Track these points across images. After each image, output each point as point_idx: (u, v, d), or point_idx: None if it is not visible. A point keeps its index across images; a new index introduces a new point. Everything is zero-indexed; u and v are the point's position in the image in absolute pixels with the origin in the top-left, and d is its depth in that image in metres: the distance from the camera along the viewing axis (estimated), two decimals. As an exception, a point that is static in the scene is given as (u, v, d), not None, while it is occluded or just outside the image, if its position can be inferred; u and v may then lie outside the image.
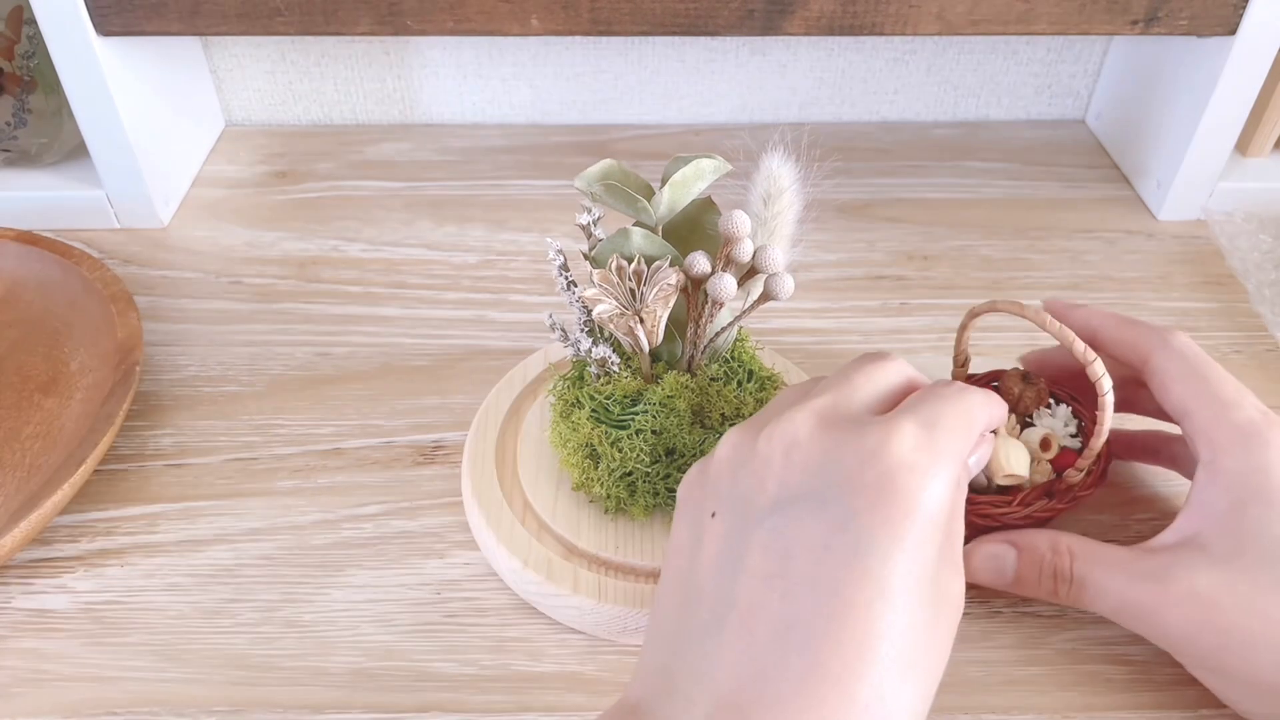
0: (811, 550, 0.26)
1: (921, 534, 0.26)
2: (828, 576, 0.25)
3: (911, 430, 0.27)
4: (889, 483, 0.26)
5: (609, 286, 0.33)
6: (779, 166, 0.34)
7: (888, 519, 0.26)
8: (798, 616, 0.25)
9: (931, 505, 0.26)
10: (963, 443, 0.28)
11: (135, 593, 0.39)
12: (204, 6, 0.51)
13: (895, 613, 0.25)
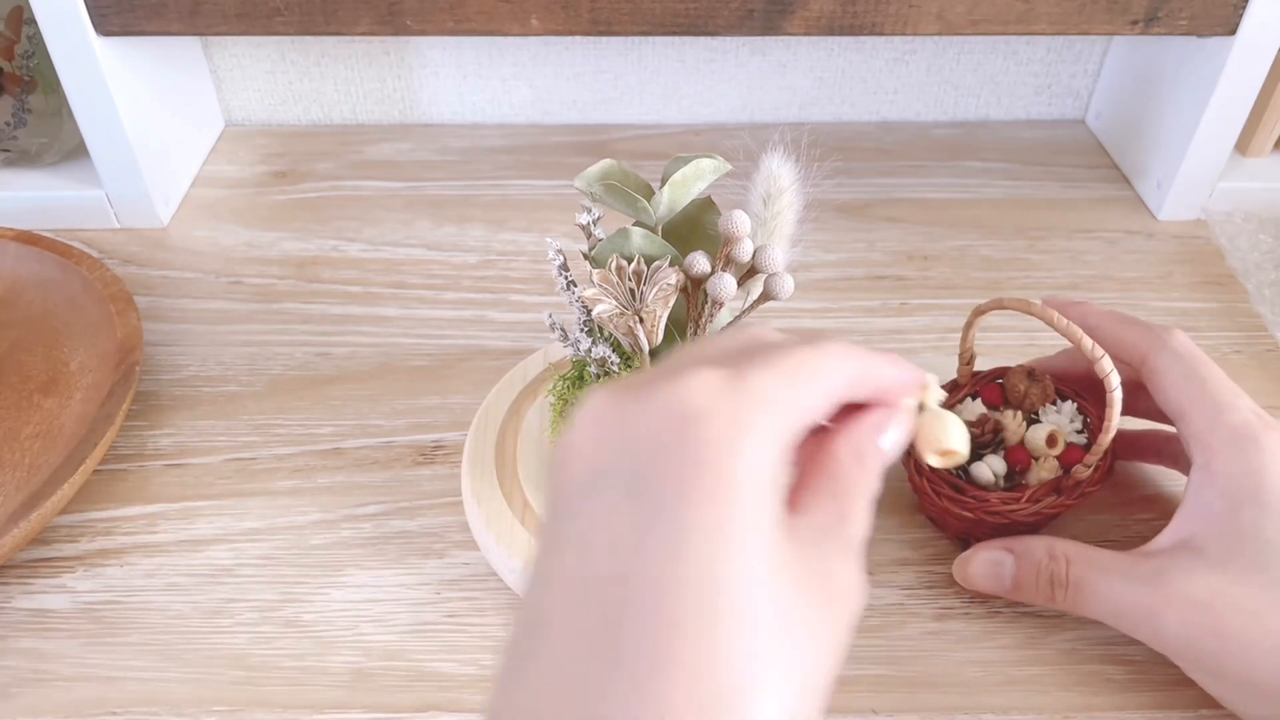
0: (620, 548, 0.20)
1: (751, 505, 0.21)
2: (642, 581, 0.20)
3: (711, 375, 0.22)
4: (689, 443, 0.21)
5: (609, 286, 0.33)
6: (779, 166, 0.34)
7: (701, 496, 0.20)
8: (614, 634, 0.20)
9: (753, 467, 0.21)
10: (790, 390, 0.22)
11: (135, 593, 0.39)
12: (204, 6, 0.51)
13: (736, 617, 0.20)
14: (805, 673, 0.21)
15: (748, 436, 0.21)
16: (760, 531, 0.21)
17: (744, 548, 0.20)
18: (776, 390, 0.22)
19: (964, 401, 0.41)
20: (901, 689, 0.36)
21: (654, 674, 0.19)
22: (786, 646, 0.20)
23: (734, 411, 0.21)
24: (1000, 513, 0.37)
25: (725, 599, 0.20)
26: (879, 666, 0.37)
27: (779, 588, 0.21)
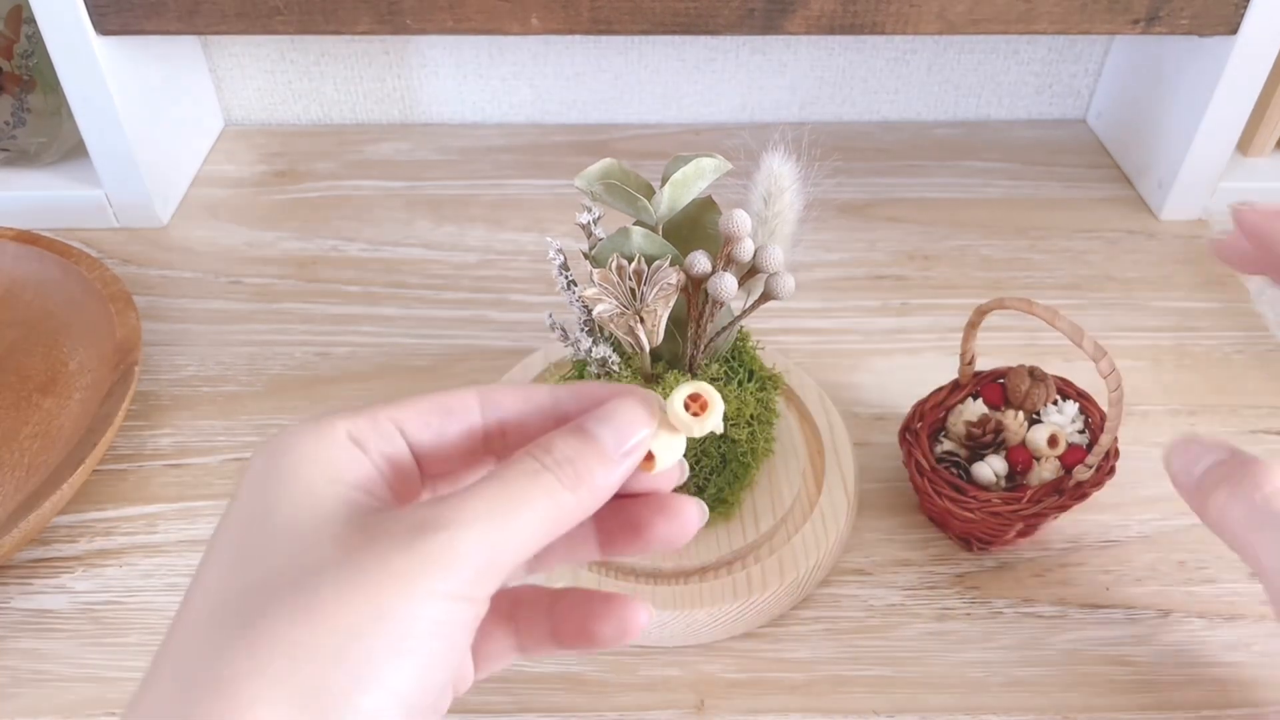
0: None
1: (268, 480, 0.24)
2: None
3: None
4: (250, 460, 0.25)
5: (609, 286, 0.33)
6: (780, 166, 0.34)
7: (239, 490, 0.24)
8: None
9: (283, 457, 0.24)
10: (363, 409, 0.25)
11: (134, 593, 0.39)
12: (203, 6, 0.51)
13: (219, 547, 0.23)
14: (322, 591, 0.21)
15: (288, 441, 0.24)
16: (280, 493, 0.23)
17: (259, 507, 0.23)
18: (334, 414, 0.24)
19: (965, 401, 0.41)
20: (902, 689, 0.36)
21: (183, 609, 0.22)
22: (290, 572, 0.21)
23: (288, 432, 0.24)
24: (1001, 513, 0.37)
25: (230, 544, 0.22)
26: (879, 666, 0.37)
27: (288, 523, 0.22)
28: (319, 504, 0.23)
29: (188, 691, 0.20)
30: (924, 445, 0.39)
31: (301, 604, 0.20)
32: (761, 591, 0.36)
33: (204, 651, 0.20)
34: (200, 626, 0.21)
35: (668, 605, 0.36)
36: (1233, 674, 0.37)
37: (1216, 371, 0.49)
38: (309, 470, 0.23)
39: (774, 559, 0.38)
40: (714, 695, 0.36)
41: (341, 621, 0.20)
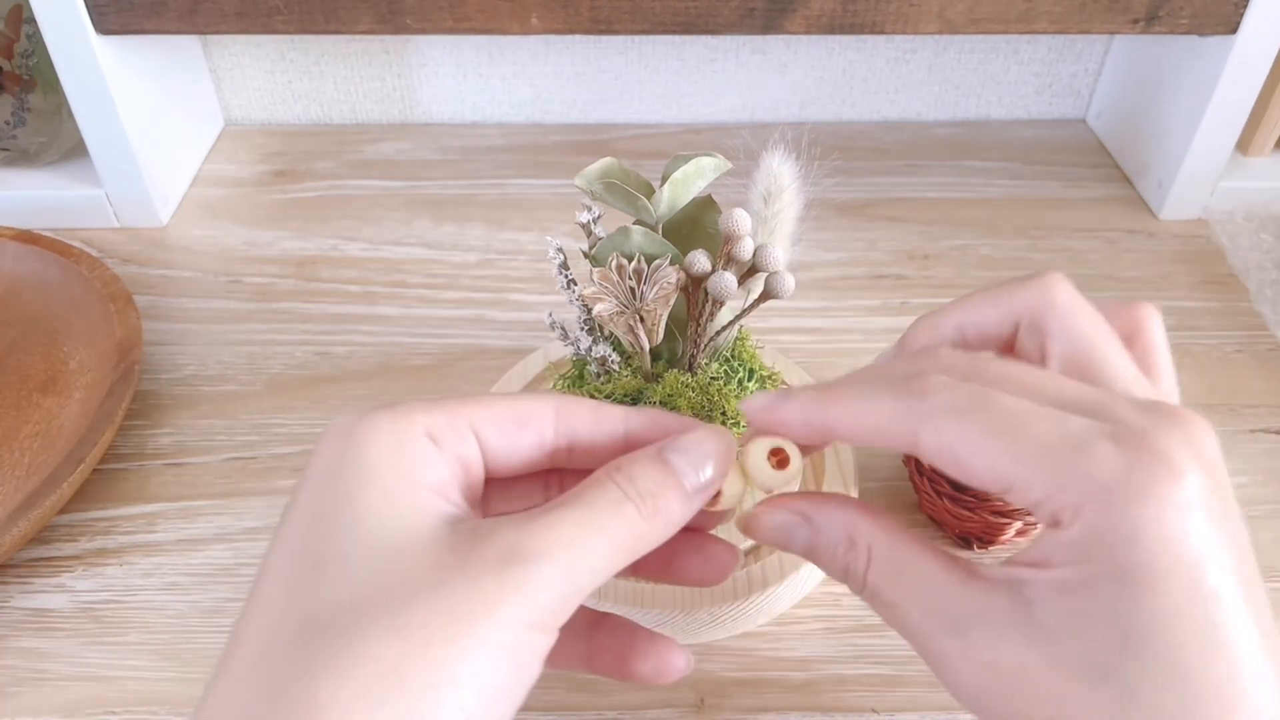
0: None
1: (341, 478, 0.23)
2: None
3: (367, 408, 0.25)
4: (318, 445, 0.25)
5: (609, 285, 0.33)
6: (779, 165, 0.34)
7: (307, 476, 0.24)
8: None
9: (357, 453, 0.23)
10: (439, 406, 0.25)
11: (134, 592, 0.39)
12: (203, 5, 0.51)
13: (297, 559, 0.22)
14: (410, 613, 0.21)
15: (362, 434, 0.23)
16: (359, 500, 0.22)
17: (332, 513, 0.22)
18: (417, 406, 0.24)
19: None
20: (901, 689, 0.36)
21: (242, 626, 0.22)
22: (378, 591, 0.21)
23: (359, 420, 0.23)
24: (1001, 512, 0.37)
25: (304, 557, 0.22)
26: (879, 666, 0.37)
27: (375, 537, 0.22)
28: (404, 513, 0.22)
29: (277, 709, 0.20)
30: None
31: (396, 628, 0.20)
32: (761, 591, 0.36)
33: (294, 669, 0.20)
34: (285, 640, 0.21)
35: (668, 605, 0.36)
36: (1232, 673, 0.37)
37: (1216, 371, 0.49)
38: (388, 471, 0.23)
39: (774, 558, 0.38)
40: (714, 694, 0.36)
41: (435, 650, 0.20)
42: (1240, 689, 0.21)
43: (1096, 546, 0.21)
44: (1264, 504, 0.43)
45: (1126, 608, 0.21)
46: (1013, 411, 0.23)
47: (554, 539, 0.22)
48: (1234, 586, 0.21)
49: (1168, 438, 0.22)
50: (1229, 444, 0.45)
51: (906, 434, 0.24)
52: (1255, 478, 0.44)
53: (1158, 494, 0.21)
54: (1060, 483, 0.22)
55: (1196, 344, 0.51)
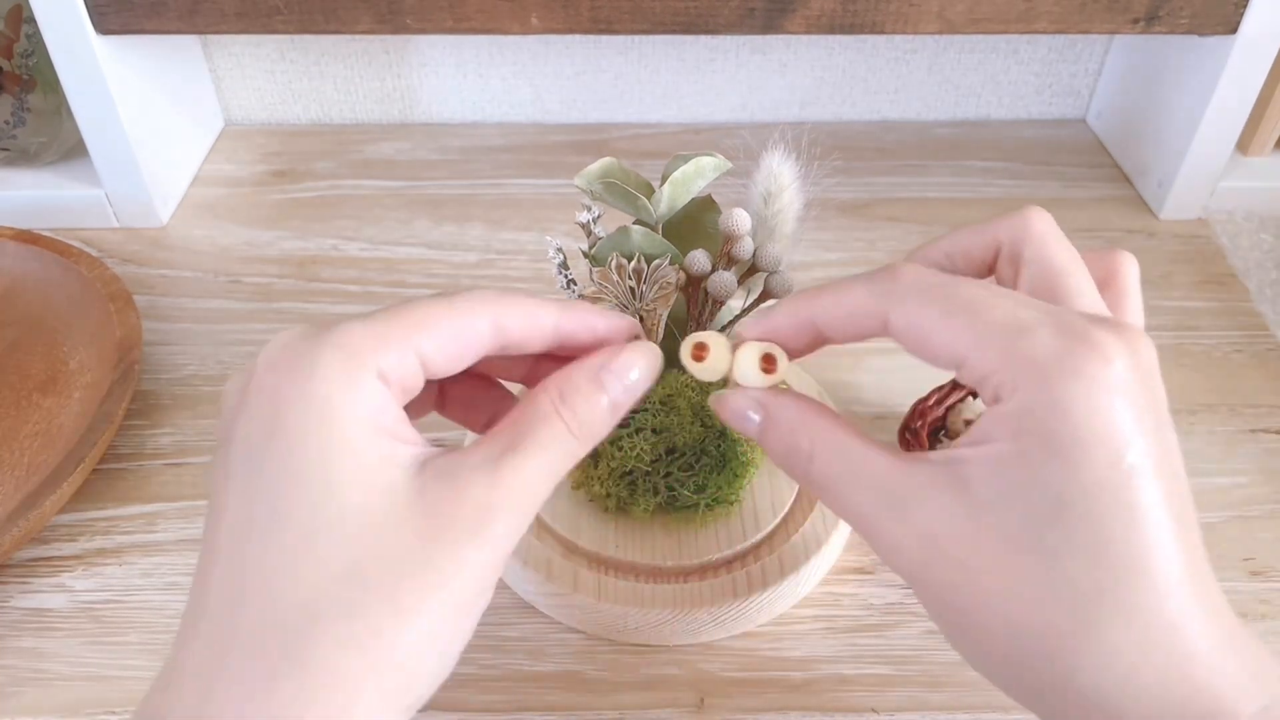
0: (209, 479, 0.24)
1: (308, 434, 0.22)
2: (212, 503, 0.23)
3: (297, 329, 0.24)
4: (252, 385, 0.23)
5: (609, 285, 0.33)
6: (779, 165, 0.34)
7: (250, 423, 0.23)
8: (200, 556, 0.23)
9: (313, 397, 0.23)
10: (378, 340, 0.24)
11: (133, 592, 0.39)
12: (203, 5, 0.51)
13: (276, 530, 0.22)
14: (409, 597, 0.22)
15: (314, 373, 0.23)
16: (334, 461, 0.22)
17: (310, 478, 0.22)
18: (361, 336, 0.24)
19: (965, 400, 0.41)
20: (901, 689, 0.36)
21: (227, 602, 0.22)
22: (375, 569, 0.22)
23: (302, 354, 0.23)
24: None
25: (289, 531, 0.22)
26: (879, 666, 0.37)
27: (362, 513, 0.22)
28: (374, 473, 0.23)
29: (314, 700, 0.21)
30: (924, 444, 0.39)
31: (405, 609, 0.22)
32: (761, 590, 0.36)
33: (322, 651, 0.21)
34: (299, 612, 0.22)
35: (668, 604, 0.36)
36: (1232, 673, 0.37)
37: (1216, 371, 0.49)
38: (351, 424, 0.23)
39: (774, 558, 0.38)
40: (714, 694, 0.36)
41: (431, 624, 0.22)
42: (1155, 564, 0.23)
43: (1028, 420, 0.23)
44: (1264, 504, 0.43)
45: (1052, 478, 0.23)
46: (972, 297, 0.25)
47: (518, 487, 0.24)
48: (1153, 470, 0.23)
49: (1105, 333, 0.23)
50: (1229, 444, 0.45)
51: (879, 314, 0.26)
52: (1255, 478, 0.44)
53: (1087, 373, 0.23)
54: (1003, 361, 0.24)
55: (1196, 344, 0.51)
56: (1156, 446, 0.23)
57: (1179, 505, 0.23)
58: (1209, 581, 0.24)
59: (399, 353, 0.24)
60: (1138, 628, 0.22)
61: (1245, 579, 0.40)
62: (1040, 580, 0.23)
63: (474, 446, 0.25)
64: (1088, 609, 0.23)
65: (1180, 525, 0.23)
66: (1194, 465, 0.44)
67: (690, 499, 0.37)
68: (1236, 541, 0.41)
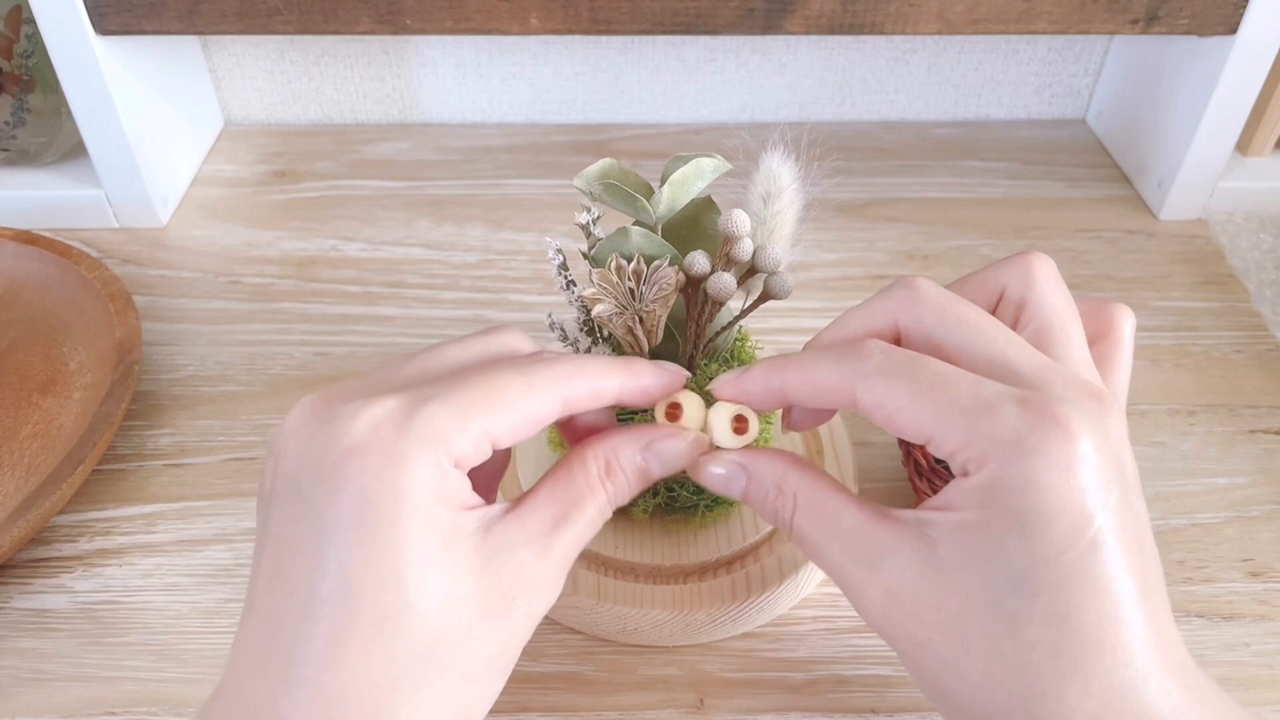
0: (298, 559, 0.25)
1: (401, 525, 0.24)
2: (292, 573, 0.24)
3: (382, 409, 0.25)
4: (346, 475, 0.24)
5: (608, 286, 0.33)
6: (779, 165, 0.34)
7: (353, 520, 0.24)
8: (277, 617, 0.24)
9: (405, 493, 0.24)
10: (459, 422, 0.25)
11: (133, 592, 0.39)
12: (203, 6, 0.51)
13: (370, 609, 0.24)
14: (471, 662, 0.25)
15: (401, 469, 0.24)
16: (416, 549, 0.24)
17: (398, 566, 0.24)
18: (444, 424, 0.25)
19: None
20: (901, 689, 0.36)
21: (323, 667, 0.23)
22: (447, 643, 0.25)
23: (389, 446, 0.24)
24: None
25: (379, 611, 0.24)
26: (879, 666, 0.37)
27: (438, 594, 0.24)
28: (450, 553, 0.25)
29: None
30: (936, 471, 0.39)
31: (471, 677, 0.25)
32: (761, 591, 0.36)
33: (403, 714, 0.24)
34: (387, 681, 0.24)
35: (667, 605, 0.36)
36: (1231, 673, 0.37)
37: (1215, 371, 0.49)
38: (432, 512, 0.25)
39: (774, 559, 0.38)
40: (714, 695, 0.36)
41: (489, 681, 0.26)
42: (1115, 635, 0.24)
43: (993, 493, 0.24)
44: (1263, 504, 0.43)
45: (1015, 549, 0.24)
46: (937, 374, 0.26)
47: (564, 560, 0.27)
48: (1116, 542, 0.24)
49: (1072, 408, 0.24)
50: (1228, 444, 0.45)
51: (846, 391, 0.27)
52: (1254, 478, 0.44)
53: (1049, 451, 0.24)
54: (969, 438, 0.25)
55: (1196, 344, 0.51)
56: (1119, 519, 0.24)
57: (1142, 574, 0.24)
58: (1173, 645, 0.25)
59: (475, 439, 0.26)
60: (1098, 693, 0.23)
61: (1244, 579, 0.40)
62: (1001, 643, 0.24)
63: (528, 514, 0.27)
64: (1047, 674, 0.24)
65: (1143, 593, 0.24)
66: (1193, 465, 0.44)
67: (690, 500, 0.37)
68: (1236, 542, 0.41)
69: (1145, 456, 0.44)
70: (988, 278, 0.31)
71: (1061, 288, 0.30)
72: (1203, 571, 0.40)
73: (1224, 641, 0.38)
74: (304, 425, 0.26)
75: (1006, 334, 0.27)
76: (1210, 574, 0.40)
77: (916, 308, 0.28)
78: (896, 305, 0.29)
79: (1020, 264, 0.30)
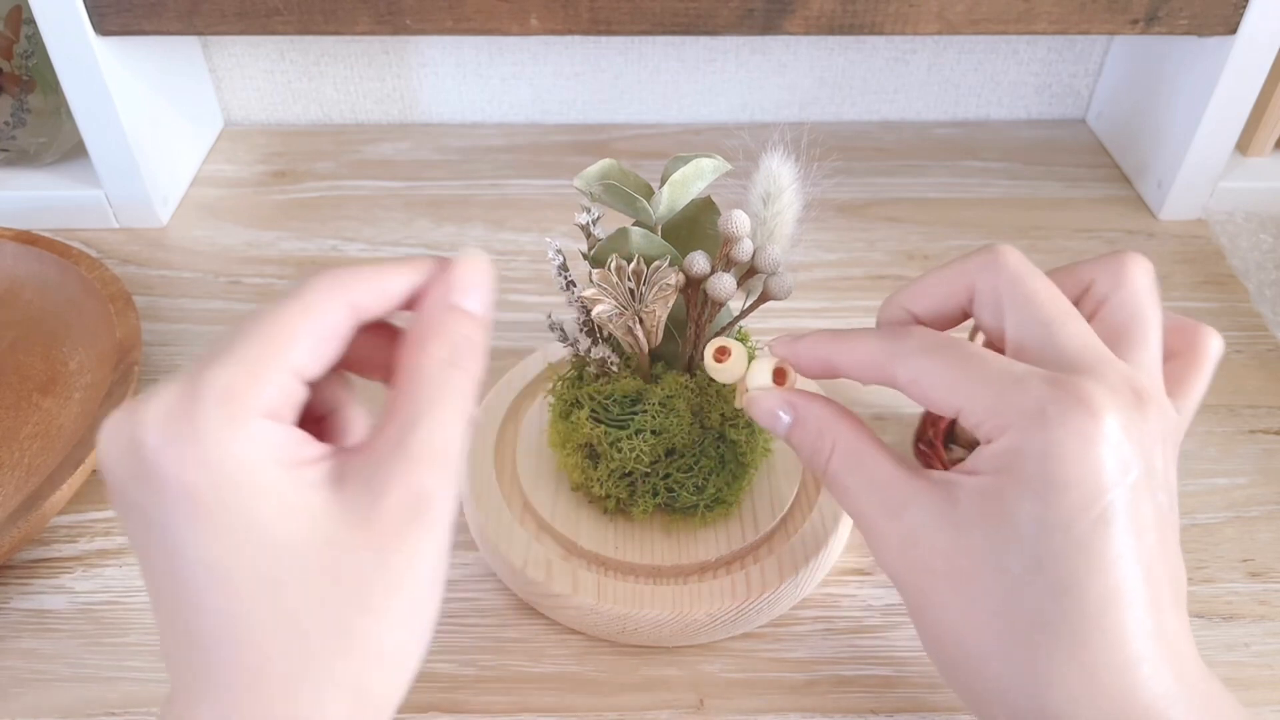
0: (152, 564, 0.23)
1: (237, 495, 0.22)
2: (162, 583, 0.23)
3: (170, 393, 0.23)
4: (154, 470, 0.22)
5: (608, 286, 0.33)
6: (779, 166, 0.34)
7: (176, 507, 0.22)
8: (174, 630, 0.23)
9: (222, 470, 0.22)
10: (250, 375, 0.23)
11: (133, 593, 0.39)
12: (202, 6, 0.51)
13: (257, 600, 0.22)
14: (385, 607, 0.24)
15: (214, 449, 0.22)
16: (265, 520, 0.23)
17: (254, 543, 0.22)
18: (236, 384, 0.23)
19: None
20: (901, 689, 0.36)
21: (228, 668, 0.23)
22: (348, 596, 0.23)
23: (191, 429, 0.22)
24: None
25: (240, 588, 0.22)
26: (879, 666, 0.37)
27: (312, 553, 0.23)
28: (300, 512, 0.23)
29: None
30: (941, 454, 0.39)
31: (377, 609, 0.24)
32: (761, 591, 0.36)
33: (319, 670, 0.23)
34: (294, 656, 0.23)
35: (667, 605, 0.36)
36: (1231, 674, 0.37)
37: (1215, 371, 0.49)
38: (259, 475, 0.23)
39: (774, 559, 0.38)
40: (714, 695, 0.36)
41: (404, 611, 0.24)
42: (1110, 610, 0.24)
43: (1013, 459, 0.25)
44: (1262, 504, 0.43)
45: (1025, 514, 0.25)
46: (971, 353, 0.27)
47: (434, 458, 0.24)
48: (1127, 520, 0.24)
49: (1103, 391, 0.25)
50: (1228, 444, 0.45)
51: (886, 366, 0.29)
52: (1254, 478, 0.44)
53: (1070, 423, 0.24)
54: (995, 407, 0.26)
55: (1196, 344, 0.51)
56: (1134, 499, 0.24)
57: (1151, 561, 0.25)
58: (1176, 638, 0.25)
59: (275, 383, 0.23)
60: (1085, 665, 0.24)
61: (1244, 579, 0.40)
62: (999, 601, 0.25)
63: (377, 435, 0.24)
64: (1038, 637, 0.24)
65: (1149, 580, 0.24)
66: (1193, 466, 0.44)
67: (689, 500, 0.37)
68: (1235, 542, 0.41)
69: (1145, 457, 0.44)
70: (1079, 270, 0.31)
71: (1152, 293, 0.30)
72: (1203, 572, 0.40)
73: (1224, 641, 0.38)
74: (112, 441, 0.23)
75: (1071, 316, 0.28)
76: (1210, 574, 0.40)
77: (995, 273, 0.29)
78: (976, 268, 0.29)
79: (1114, 262, 0.30)
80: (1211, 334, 0.33)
